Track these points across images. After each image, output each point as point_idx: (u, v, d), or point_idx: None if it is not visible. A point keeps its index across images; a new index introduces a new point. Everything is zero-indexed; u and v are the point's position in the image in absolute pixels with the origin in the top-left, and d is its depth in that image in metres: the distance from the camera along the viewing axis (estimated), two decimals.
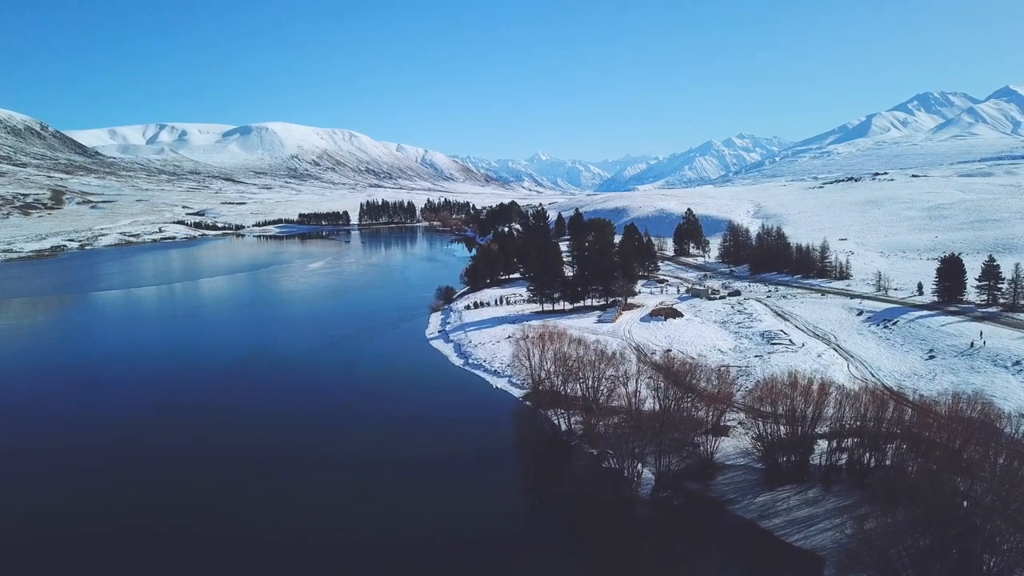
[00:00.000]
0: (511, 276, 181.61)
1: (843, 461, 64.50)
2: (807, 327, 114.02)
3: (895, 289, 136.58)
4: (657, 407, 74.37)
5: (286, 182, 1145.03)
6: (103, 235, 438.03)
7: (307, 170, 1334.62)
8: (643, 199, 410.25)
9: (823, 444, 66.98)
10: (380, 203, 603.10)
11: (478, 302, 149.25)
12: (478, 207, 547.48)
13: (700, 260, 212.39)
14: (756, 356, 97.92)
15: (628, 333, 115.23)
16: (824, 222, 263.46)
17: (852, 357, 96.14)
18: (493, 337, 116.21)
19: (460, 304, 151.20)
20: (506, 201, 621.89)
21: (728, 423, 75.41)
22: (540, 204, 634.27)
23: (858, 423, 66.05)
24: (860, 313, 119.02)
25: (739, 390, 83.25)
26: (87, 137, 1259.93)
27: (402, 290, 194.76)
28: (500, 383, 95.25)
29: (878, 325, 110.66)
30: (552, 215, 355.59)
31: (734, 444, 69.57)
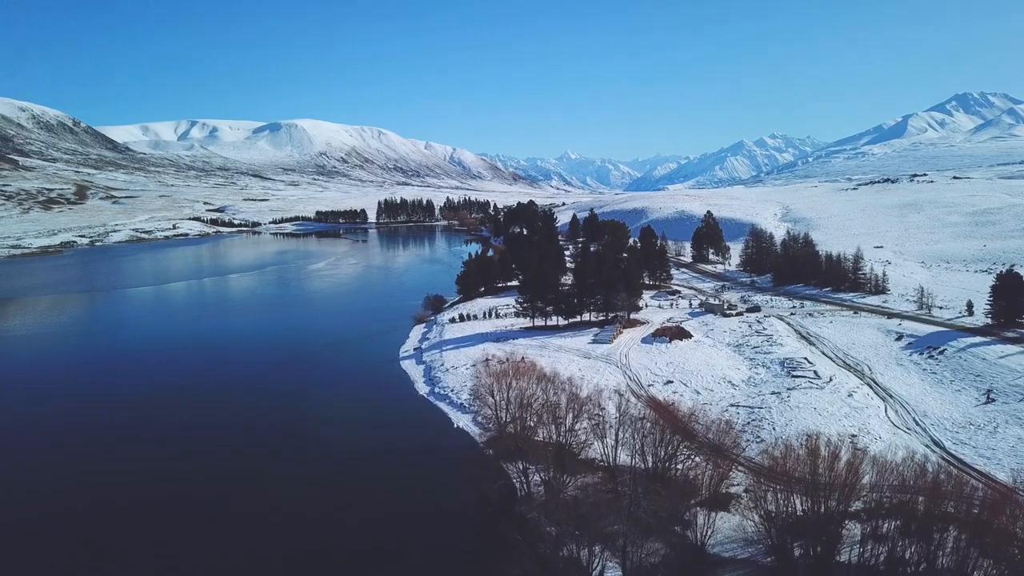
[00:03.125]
0: (509, 284, 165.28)
1: (882, 556, 48.17)
2: (836, 354, 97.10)
3: (940, 307, 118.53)
4: (640, 463, 59.26)
5: (314, 179, 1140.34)
6: (115, 231, 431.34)
7: (335, 167, 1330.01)
8: (664, 200, 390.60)
9: (854, 528, 51.05)
10: (399, 201, 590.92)
11: (464, 315, 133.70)
12: (500, 206, 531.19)
13: (719, 268, 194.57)
14: (773, 393, 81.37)
15: (624, 358, 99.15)
16: (857, 227, 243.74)
17: (891, 397, 79.21)
18: (469, 359, 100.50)
19: (445, 316, 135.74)
20: (535, 200, 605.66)
21: (731, 488, 59.53)
22: (563, 203, 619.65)
23: (906, 496, 50.15)
24: (899, 337, 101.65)
25: (748, 442, 67.22)
26: (120, 133, 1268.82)
27: (395, 296, 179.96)
28: (463, 421, 79.74)
29: (921, 354, 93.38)
30: (565, 216, 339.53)
31: (735, 525, 53.45)
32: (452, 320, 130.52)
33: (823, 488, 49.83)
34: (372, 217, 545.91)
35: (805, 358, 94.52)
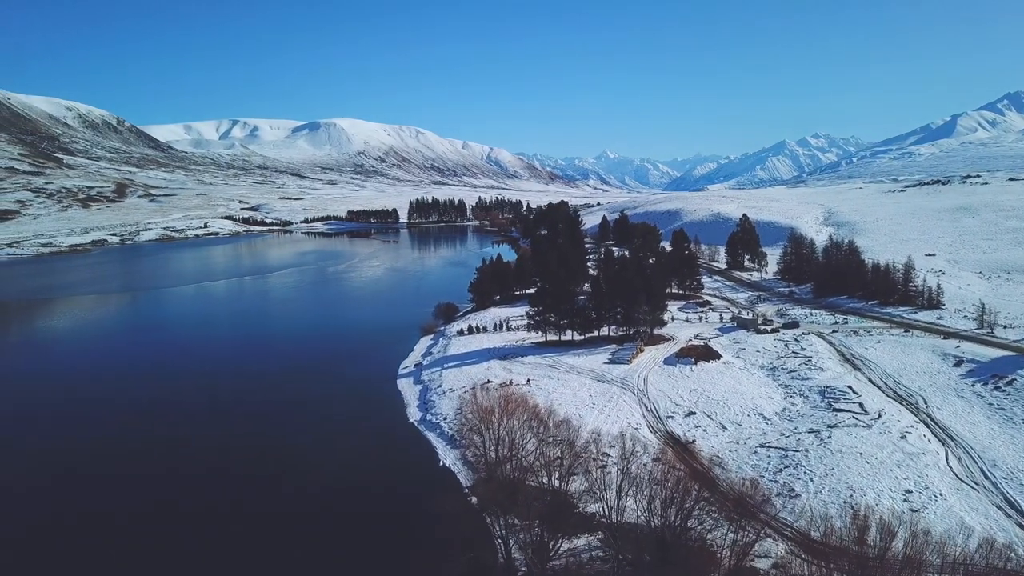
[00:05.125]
0: (528, 291, 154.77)
1: None
2: (885, 382, 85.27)
3: (1004, 326, 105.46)
4: (647, 522, 49.29)
5: (351, 178, 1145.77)
6: (147, 230, 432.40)
7: (373, 166, 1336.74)
8: (699, 201, 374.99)
9: None
10: (430, 201, 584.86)
11: (474, 326, 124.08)
12: (534, 206, 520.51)
13: (755, 276, 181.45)
14: (811, 431, 70.14)
15: (642, 382, 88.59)
16: (906, 233, 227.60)
17: (952, 439, 67.40)
18: (470, 380, 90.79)
19: (454, 327, 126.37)
20: (570, 199, 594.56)
21: (756, 560, 49.07)
22: (597, 203, 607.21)
23: None
24: (959, 362, 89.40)
25: (780, 496, 56.53)
26: (163, 132, 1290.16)
27: (411, 301, 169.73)
28: (449, 458, 69.88)
29: (985, 384, 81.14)
30: (596, 218, 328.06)
31: None
32: (460, 332, 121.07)
33: (872, 569, 39.54)
34: (404, 217, 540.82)
35: (849, 386, 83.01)
